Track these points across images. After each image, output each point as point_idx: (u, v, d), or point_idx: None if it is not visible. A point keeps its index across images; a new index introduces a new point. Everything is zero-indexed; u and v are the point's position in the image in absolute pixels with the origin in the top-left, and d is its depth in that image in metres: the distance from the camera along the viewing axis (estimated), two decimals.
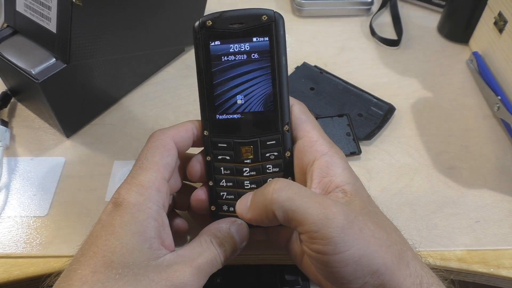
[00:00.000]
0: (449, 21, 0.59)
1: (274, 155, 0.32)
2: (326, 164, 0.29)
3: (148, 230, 0.27)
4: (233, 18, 0.30)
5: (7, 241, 0.38)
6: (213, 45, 0.31)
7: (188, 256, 0.28)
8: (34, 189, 0.42)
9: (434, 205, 0.42)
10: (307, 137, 0.31)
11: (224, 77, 0.31)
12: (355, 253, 0.25)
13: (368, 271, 0.25)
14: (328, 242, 0.25)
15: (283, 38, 0.31)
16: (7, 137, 0.45)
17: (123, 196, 0.28)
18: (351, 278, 0.25)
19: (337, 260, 0.25)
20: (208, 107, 0.32)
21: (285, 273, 0.40)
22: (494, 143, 0.47)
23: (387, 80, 0.54)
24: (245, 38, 0.31)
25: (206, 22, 0.30)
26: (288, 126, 0.32)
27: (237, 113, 0.32)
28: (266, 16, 0.30)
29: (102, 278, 0.25)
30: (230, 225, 0.31)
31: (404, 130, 0.48)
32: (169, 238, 0.29)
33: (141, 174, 0.29)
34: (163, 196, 0.29)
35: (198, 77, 0.32)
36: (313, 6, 0.62)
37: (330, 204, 0.26)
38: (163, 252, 0.27)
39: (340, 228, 0.25)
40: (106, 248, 0.26)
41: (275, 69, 0.31)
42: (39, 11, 0.40)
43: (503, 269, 0.37)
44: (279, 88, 0.31)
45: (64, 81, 0.42)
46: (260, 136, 0.32)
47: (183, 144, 0.32)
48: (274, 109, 0.31)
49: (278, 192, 0.26)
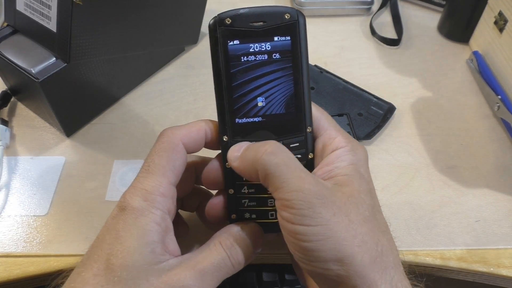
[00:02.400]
0: (449, 20, 0.59)
1: (298, 157, 0.30)
2: (336, 156, 0.29)
3: (151, 234, 0.27)
4: (254, 16, 0.29)
5: (7, 240, 0.38)
6: (231, 44, 0.29)
7: (193, 259, 0.28)
8: (34, 188, 0.42)
9: (434, 204, 0.42)
10: (326, 134, 0.31)
11: (243, 78, 0.30)
12: (320, 231, 0.25)
13: (332, 256, 0.25)
14: (295, 212, 0.25)
15: (305, 38, 0.30)
16: (7, 136, 0.45)
17: (128, 201, 0.27)
18: (312, 258, 0.25)
19: (301, 231, 0.25)
20: (227, 111, 0.30)
21: (285, 273, 0.40)
22: (494, 142, 0.47)
23: (387, 79, 0.54)
24: (266, 37, 0.29)
25: (225, 19, 0.29)
26: (311, 128, 0.31)
27: (258, 116, 0.30)
28: (289, 14, 0.29)
29: (102, 281, 0.25)
30: (242, 228, 0.30)
31: (404, 130, 0.48)
32: (173, 243, 0.29)
33: (146, 178, 0.28)
34: (168, 201, 0.28)
35: (215, 78, 0.30)
36: (313, 5, 0.62)
37: (310, 181, 0.26)
38: (166, 257, 0.27)
39: (311, 203, 0.25)
40: (109, 251, 0.26)
41: (298, 70, 0.30)
42: (39, 10, 0.40)
43: (503, 268, 0.37)
44: (302, 89, 0.30)
45: (64, 80, 0.41)
46: (283, 139, 0.31)
47: (194, 146, 0.31)
48: (297, 110, 0.30)
49: (268, 155, 0.27)
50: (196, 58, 0.56)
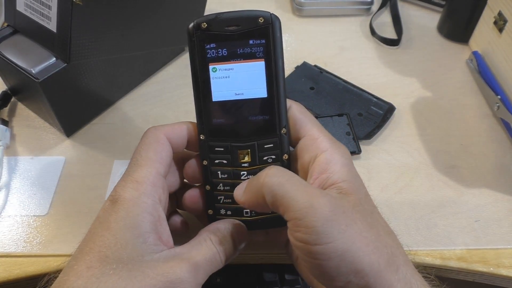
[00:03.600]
0: (449, 20, 0.59)
1: (272, 158, 0.32)
2: (325, 161, 0.29)
3: (143, 225, 0.27)
4: (229, 21, 0.30)
5: (7, 240, 0.38)
6: (208, 47, 0.30)
7: (186, 253, 0.28)
8: (34, 188, 0.42)
9: (434, 204, 0.42)
10: (308, 135, 0.31)
11: (219, 80, 0.31)
12: (337, 246, 0.24)
13: (352, 268, 0.25)
14: (310, 231, 0.25)
15: (280, 40, 0.30)
16: (7, 136, 0.45)
17: (119, 193, 0.28)
18: (334, 274, 0.25)
19: (319, 251, 0.24)
20: (204, 111, 0.31)
21: (285, 273, 0.40)
22: (494, 142, 0.47)
23: (387, 79, 0.54)
24: (241, 41, 0.30)
25: (201, 24, 0.30)
26: (285, 129, 0.32)
27: (233, 117, 0.31)
28: (263, 18, 0.30)
29: (96, 273, 0.25)
30: (229, 225, 0.31)
31: (404, 130, 0.48)
32: (166, 234, 0.29)
33: (136, 171, 0.29)
34: (159, 190, 0.29)
35: (193, 80, 0.31)
36: (313, 5, 0.62)
37: (318, 194, 0.26)
38: (160, 248, 0.27)
39: (324, 219, 0.25)
40: (101, 243, 0.26)
41: (272, 72, 0.31)
42: (39, 10, 0.40)
43: (503, 268, 0.37)
44: (276, 91, 0.31)
45: (64, 81, 0.42)
46: (258, 140, 0.32)
47: (177, 142, 0.32)
48: (271, 112, 0.31)
49: (270, 176, 0.27)
50: None
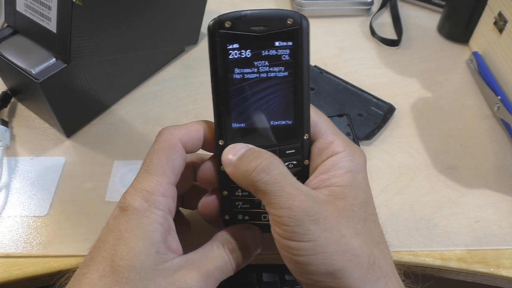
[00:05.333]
0: (449, 21, 0.59)
1: (293, 163, 0.31)
2: (332, 163, 0.29)
3: (155, 235, 0.27)
4: (256, 20, 0.28)
5: (7, 240, 0.38)
6: (231, 48, 0.28)
7: (198, 260, 0.28)
8: (34, 188, 0.42)
9: (434, 205, 0.42)
10: (323, 138, 0.30)
11: (242, 83, 0.29)
12: (310, 247, 0.25)
13: (323, 269, 0.25)
14: (286, 228, 0.26)
15: (308, 44, 0.29)
16: (7, 137, 0.45)
17: (129, 201, 0.27)
18: (305, 270, 0.26)
19: (293, 246, 0.26)
20: (224, 115, 0.29)
21: (285, 273, 0.40)
22: (494, 143, 0.47)
23: (387, 80, 0.54)
24: (267, 42, 0.28)
25: (224, 22, 0.27)
26: (308, 135, 0.30)
27: (255, 122, 0.30)
28: (292, 19, 0.28)
29: (109, 283, 0.25)
30: (244, 232, 0.31)
31: (404, 130, 0.48)
32: (175, 242, 0.29)
33: (146, 179, 0.28)
34: (169, 201, 0.28)
35: (213, 82, 0.29)
36: (313, 6, 0.62)
37: (301, 198, 0.26)
38: (170, 256, 0.27)
39: (299, 221, 0.26)
40: (113, 252, 0.26)
41: (298, 77, 0.29)
42: (39, 11, 0.40)
43: (503, 269, 0.37)
44: (301, 96, 0.29)
45: (64, 81, 0.42)
46: (280, 145, 0.30)
47: (192, 146, 0.30)
48: (295, 117, 0.30)
49: (258, 172, 0.27)
50: (196, 59, 0.56)
